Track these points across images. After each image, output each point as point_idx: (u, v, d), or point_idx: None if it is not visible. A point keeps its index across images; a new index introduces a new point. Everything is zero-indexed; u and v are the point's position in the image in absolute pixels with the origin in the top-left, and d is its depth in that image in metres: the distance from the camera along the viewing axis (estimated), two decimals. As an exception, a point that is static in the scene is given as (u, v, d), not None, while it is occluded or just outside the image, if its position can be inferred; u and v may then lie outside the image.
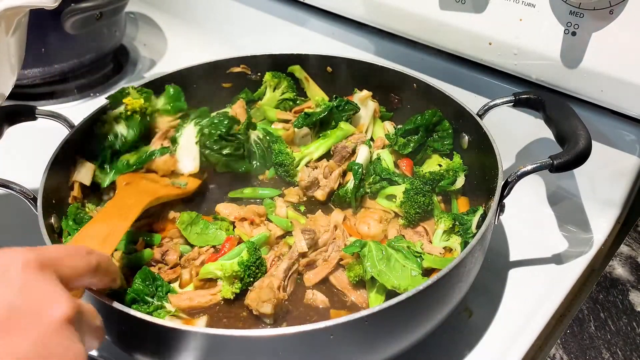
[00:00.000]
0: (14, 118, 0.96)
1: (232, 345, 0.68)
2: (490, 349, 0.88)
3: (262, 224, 0.97)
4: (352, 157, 1.05)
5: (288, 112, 1.18)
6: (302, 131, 1.11)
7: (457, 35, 1.09)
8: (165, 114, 1.07)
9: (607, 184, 1.06)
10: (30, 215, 0.86)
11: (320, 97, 1.17)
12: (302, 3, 1.35)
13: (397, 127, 1.12)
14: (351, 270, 0.86)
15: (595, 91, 0.97)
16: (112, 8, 1.36)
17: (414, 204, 0.93)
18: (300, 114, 1.10)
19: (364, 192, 1.01)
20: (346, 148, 1.06)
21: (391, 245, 0.87)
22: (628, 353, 0.81)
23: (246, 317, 0.83)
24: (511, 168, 1.12)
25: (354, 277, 0.85)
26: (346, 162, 1.05)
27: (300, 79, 1.19)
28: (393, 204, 0.98)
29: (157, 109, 1.07)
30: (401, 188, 0.97)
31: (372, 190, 1.02)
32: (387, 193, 1.00)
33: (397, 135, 1.07)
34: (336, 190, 1.01)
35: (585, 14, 0.92)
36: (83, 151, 1.01)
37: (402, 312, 0.71)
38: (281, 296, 0.82)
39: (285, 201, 1.02)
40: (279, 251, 0.92)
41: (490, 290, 0.97)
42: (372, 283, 0.84)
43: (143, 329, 0.70)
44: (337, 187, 1.02)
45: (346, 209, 1.01)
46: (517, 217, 1.03)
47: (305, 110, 1.12)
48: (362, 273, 0.84)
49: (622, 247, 0.98)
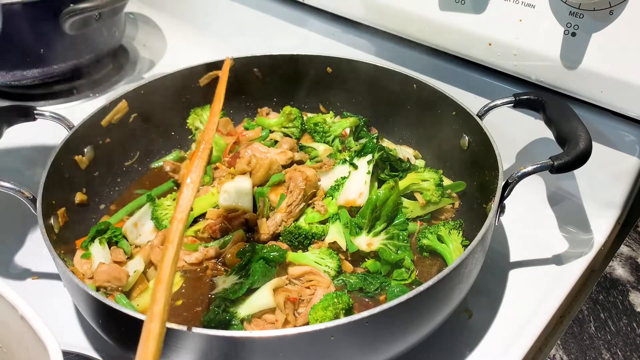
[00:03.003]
0: (13, 118, 0.96)
1: (232, 346, 0.68)
2: (490, 349, 0.87)
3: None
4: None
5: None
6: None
7: (457, 35, 1.09)
8: None
9: (607, 184, 1.06)
10: (30, 215, 0.86)
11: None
12: (302, 3, 1.35)
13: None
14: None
15: (595, 92, 0.97)
16: (112, 8, 1.36)
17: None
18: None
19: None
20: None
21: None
22: (628, 353, 0.81)
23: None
24: (511, 169, 1.12)
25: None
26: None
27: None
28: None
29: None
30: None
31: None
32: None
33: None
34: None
35: (585, 15, 0.92)
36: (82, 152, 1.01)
37: (402, 313, 0.71)
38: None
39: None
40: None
41: (490, 291, 0.96)
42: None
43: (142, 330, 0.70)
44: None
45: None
46: (518, 217, 1.03)
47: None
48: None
49: (622, 247, 0.98)
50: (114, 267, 0.90)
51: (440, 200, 1.01)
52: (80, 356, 0.83)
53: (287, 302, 0.85)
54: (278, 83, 1.23)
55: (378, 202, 0.92)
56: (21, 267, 1.01)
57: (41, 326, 0.58)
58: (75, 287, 0.75)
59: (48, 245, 0.80)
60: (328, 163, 1.07)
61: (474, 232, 0.81)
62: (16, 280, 0.99)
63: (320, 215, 0.98)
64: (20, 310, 0.60)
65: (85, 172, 1.02)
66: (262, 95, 1.25)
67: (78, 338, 0.90)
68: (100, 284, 0.88)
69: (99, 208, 1.06)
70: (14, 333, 0.61)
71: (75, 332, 0.91)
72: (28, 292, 0.97)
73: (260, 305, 0.84)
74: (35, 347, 0.58)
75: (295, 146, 1.15)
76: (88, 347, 0.88)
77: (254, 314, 0.84)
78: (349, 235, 0.93)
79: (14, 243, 1.04)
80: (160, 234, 0.97)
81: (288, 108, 1.19)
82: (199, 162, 0.75)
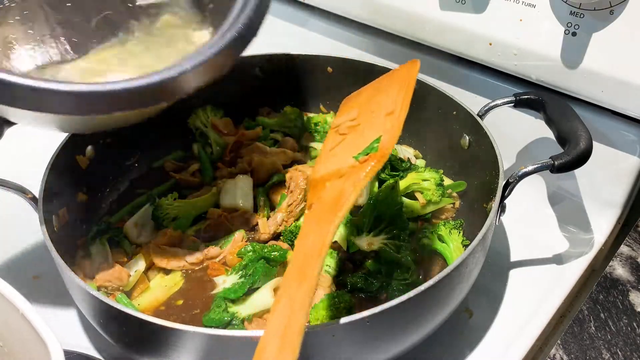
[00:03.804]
0: (14, 118, 0.96)
1: (232, 346, 0.68)
2: (490, 349, 0.88)
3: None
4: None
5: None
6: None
7: (457, 35, 1.09)
8: None
9: (607, 184, 1.06)
10: (30, 215, 0.86)
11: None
12: (302, 3, 1.35)
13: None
14: None
15: (596, 91, 0.97)
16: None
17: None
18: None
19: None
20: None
21: None
22: (628, 353, 0.81)
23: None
24: (512, 168, 1.12)
25: None
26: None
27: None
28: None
29: None
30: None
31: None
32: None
33: None
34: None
35: (586, 14, 0.92)
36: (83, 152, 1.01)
37: (403, 312, 0.71)
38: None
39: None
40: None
41: (490, 290, 0.97)
42: None
43: (143, 329, 0.70)
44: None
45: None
46: (518, 217, 1.03)
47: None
48: None
49: (623, 247, 0.98)
50: (114, 266, 0.90)
51: (440, 200, 1.01)
52: (81, 356, 0.84)
53: (288, 301, 0.85)
54: (278, 83, 1.23)
55: (378, 201, 0.92)
56: (22, 266, 1.01)
57: (42, 326, 0.58)
58: (76, 286, 0.75)
59: (49, 244, 0.80)
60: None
61: (474, 231, 0.81)
62: (17, 279, 0.98)
63: (321, 214, 0.98)
64: (22, 310, 0.60)
65: (86, 171, 1.02)
66: (263, 95, 1.25)
67: (79, 338, 0.90)
68: (101, 283, 0.88)
69: (99, 207, 1.06)
70: (15, 332, 0.61)
71: (76, 331, 0.91)
72: (29, 291, 0.96)
73: (261, 305, 0.84)
74: (37, 347, 0.58)
75: (295, 146, 1.15)
76: (89, 347, 0.88)
77: (254, 314, 0.84)
78: (350, 235, 0.93)
79: (14, 242, 1.04)
80: (160, 233, 0.97)
81: (288, 108, 1.19)
82: (364, 175, 0.60)
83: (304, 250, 0.58)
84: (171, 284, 0.91)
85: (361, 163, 0.64)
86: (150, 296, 0.90)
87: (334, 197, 0.61)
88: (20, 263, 1.01)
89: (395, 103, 0.73)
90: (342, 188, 0.61)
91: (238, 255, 0.91)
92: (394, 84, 0.79)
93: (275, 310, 0.55)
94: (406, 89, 0.75)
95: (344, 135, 0.78)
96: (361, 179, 0.60)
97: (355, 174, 0.62)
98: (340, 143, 0.77)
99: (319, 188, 0.67)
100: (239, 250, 0.91)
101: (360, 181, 0.60)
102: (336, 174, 0.67)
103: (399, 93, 0.75)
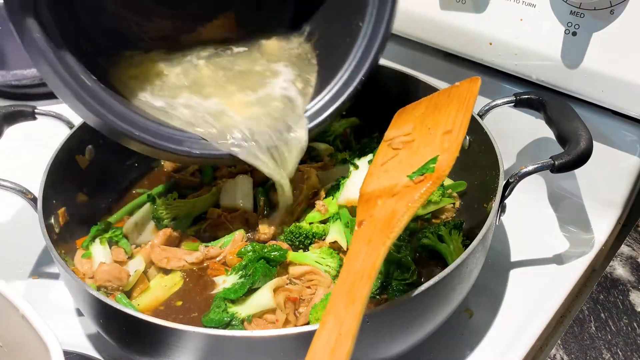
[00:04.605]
0: (13, 118, 0.96)
1: (232, 346, 0.68)
2: (490, 349, 0.87)
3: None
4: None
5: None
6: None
7: (457, 35, 1.09)
8: None
9: (607, 184, 1.06)
10: (30, 215, 0.86)
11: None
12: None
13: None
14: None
15: (596, 91, 0.97)
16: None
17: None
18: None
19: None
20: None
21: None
22: (629, 353, 0.81)
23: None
24: (512, 168, 1.12)
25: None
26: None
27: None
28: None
29: None
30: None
31: None
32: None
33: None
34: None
35: (586, 14, 0.92)
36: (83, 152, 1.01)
37: (403, 312, 0.71)
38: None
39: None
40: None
41: (491, 290, 0.96)
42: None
43: (143, 329, 0.70)
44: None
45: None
46: (518, 217, 1.03)
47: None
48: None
49: (623, 247, 0.98)
50: (114, 266, 0.90)
51: (440, 199, 1.01)
52: (81, 356, 0.84)
53: (288, 301, 0.85)
54: (278, 83, 1.23)
55: (379, 201, 0.92)
56: (22, 266, 1.01)
57: (42, 326, 0.58)
58: (76, 286, 0.75)
59: (49, 244, 0.80)
60: (329, 163, 1.07)
61: (474, 231, 0.81)
62: (17, 279, 0.99)
63: (321, 214, 0.98)
64: (22, 310, 0.60)
65: (86, 171, 1.02)
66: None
67: (79, 338, 0.90)
68: (101, 283, 0.88)
69: (99, 207, 1.06)
70: (15, 333, 0.61)
71: (76, 331, 0.91)
72: (29, 291, 0.97)
73: (260, 305, 0.84)
74: (37, 347, 0.58)
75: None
76: (89, 347, 0.88)
77: (254, 314, 0.84)
78: (350, 234, 0.93)
79: (14, 242, 1.04)
80: (161, 233, 0.97)
81: None
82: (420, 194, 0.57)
83: (353, 270, 0.57)
84: (171, 284, 0.91)
85: (416, 183, 0.62)
86: (150, 296, 0.90)
87: (386, 216, 0.60)
88: (20, 263, 1.01)
89: (454, 122, 0.71)
90: (394, 208, 0.60)
91: (238, 255, 0.90)
92: (453, 101, 0.77)
93: (323, 330, 0.53)
94: (465, 108, 0.72)
95: (397, 150, 0.76)
96: (415, 200, 0.59)
97: (409, 195, 0.61)
98: (393, 158, 0.75)
99: (370, 205, 0.66)
100: (239, 250, 0.91)
101: (414, 203, 0.59)
102: (388, 191, 0.65)
103: (458, 112, 0.73)
